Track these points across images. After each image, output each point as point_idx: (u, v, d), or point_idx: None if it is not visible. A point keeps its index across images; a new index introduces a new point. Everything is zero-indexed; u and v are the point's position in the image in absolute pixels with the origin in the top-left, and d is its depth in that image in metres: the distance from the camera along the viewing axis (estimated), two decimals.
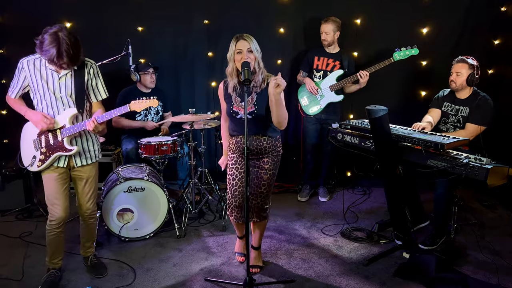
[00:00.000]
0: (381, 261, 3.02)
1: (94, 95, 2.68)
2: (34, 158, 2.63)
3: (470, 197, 4.18)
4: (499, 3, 4.18)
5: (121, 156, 4.21)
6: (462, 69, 3.20)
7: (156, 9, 4.34)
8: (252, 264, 2.91)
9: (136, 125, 4.01)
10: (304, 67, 4.16)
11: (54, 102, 2.57)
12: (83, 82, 2.59)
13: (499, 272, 2.81)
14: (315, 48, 4.16)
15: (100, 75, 2.70)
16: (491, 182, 2.35)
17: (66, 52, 2.32)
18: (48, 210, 2.66)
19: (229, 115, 2.71)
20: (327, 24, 3.93)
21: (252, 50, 2.54)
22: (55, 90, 2.55)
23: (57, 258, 2.76)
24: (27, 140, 2.67)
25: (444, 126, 3.37)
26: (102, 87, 2.71)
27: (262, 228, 2.92)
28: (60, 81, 2.54)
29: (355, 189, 4.55)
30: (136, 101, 2.63)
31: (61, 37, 2.32)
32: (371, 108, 2.65)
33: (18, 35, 4.25)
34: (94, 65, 2.66)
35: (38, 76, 2.53)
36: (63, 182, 2.66)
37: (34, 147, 2.64)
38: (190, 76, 4.55)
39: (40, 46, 2.36)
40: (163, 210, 3.40)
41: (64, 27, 2.36)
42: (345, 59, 4.01)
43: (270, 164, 2.73)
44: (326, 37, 3.96)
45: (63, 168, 2.65)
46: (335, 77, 4.01)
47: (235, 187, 2.73)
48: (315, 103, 4.10)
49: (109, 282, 2.78)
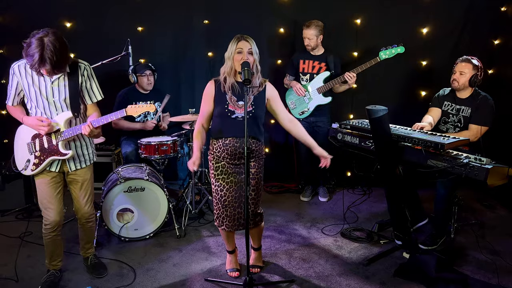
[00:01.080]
0: (381, 261, 3.02)
1: (89, 97, 2.62)
2: (28, 162, 2.58)
3: (470, 197, 4.18)
4: (499, 3, 4.18)
5: (121, 156, 4.21)
6: (466, 68, 3.18)
7: (156, 9, 4.34)
8: (253, 264, 2.91)
9: (136, 127, 4.01)
10: (289, 71, 4.13)
11: (47, 107, 2.51)
12: (77, 85, 2.52)
13: (499, 272, 2.81)
14: (299, 52, 4.14)
15: (95, 77, 2.63)
16: (491, 182, 2.35)
17: (49, 59, 2.24)
18: (42, 214, 2.63)
19: (221, 115, 2.60)
20: (309, 29, 3.87)
21: (252, 52, 2.54)
22: (48, 95, 2.48)
23: (56, 260, 2.76)
24: (21, 143, 2.62)
25: (444, 126, 3.37)
26: (97, 89, 2.64)
27: (259, 231, 2.87)
28: (53, 85, 2.48)
29: (355, 189, 4.55)
30: (133, 105, 2.56)
31: (46, 42, 2.23)
32: (371, 108, 2.65)
33: (18, 35, 4.22)
34: (88, 67, 2.59)
35: (30, 81, 2.46)
36: (56, 186, 2.62)
37: (28, 151, 2.59)
38: (190, 76, 4.55)
39: (25, 50, 2.28)
40: (163, 210, 3.40)
41: (52, 32, 2.27)
42: (330, 60, 3.96)
43: (256, 168, 2.65)
44: (310, 42, 3.91)
45: (56, 172, 2.61)
46: (322, 79, 3.97)
47: (224, 197, 2.63)
48: (303, 106, 4.06)
49: (109, 282, 2.78)
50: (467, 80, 3.19)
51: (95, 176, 4.22)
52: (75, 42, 4.25)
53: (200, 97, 4.64)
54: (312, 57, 4.01)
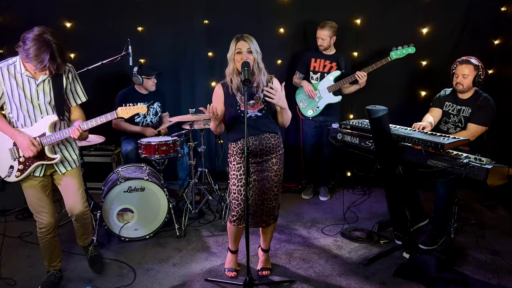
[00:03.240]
0: (381, 261, 3.02)
1: (74, 99, 2.58)
2: (11, 168, 2.48)
3: (470, 197, 4.18)
4: (499, 3, 4.18)
5: (121, 156, 4.21)
6: (467, 70, 3.16)
7: (156, 9, 4.34)
8: (262, 267, 2.90)
9: (136, 130, 4.00)
10: (300, 69, 4.15)
11: (31, 110, 2.44)
12: (61, 87, 2.48)
13: (499, 272, 2.81)
14: (311, 50, 4.16)
15: (78, 78, 2.60)
16: (491, 182, 2.35)
17: (58, 53, 2.24)
18: (35, 218, 2.59)
19: (234, 117, 2.60)
20: (323, 30, 3.91)
21: (252, 51, 2.53)
22: (33, 98, 2.41)
23: (55, 261, 2.75)
24: (2, 149, 2.50)
25: (444, 126, 3.37)
26: (81, 91, 2.60)
27: (273, 230, 2.88)
28: (38, 88, 2.42)
29: (355, 189, 4.55)
30: (123, 107, 2.53)
31: (48, 39, 2.21)
32: (371, 108, 2.65)
33: (18, 35, 4.23)
34: (72, 69, 2.55)
35: (14, 83, 2.38)
36: (45, 188, 2.56)
37: (11, 157, 2.49)
38: (190, 76, 4.54)
39: (26, 54, 2.22)
40: (163, 210, 3.40)
41: (46, 29, 2.25)
42: (342, 60, 4.01)
43: (278, 164, 2.68)
44: (323, 42, 3.95)
45: (42, 177, 2.54)
46: (332, 78, 4.01)
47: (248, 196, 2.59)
48: (313, 105, 4.09)
49: (109, 282, 2.78)
50: (471, 82, 3.18)
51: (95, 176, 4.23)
52: (75, 42, 4.28)
53: (200, 97, 4.68)
54: (324, 56, 4.04)
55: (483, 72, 3.19)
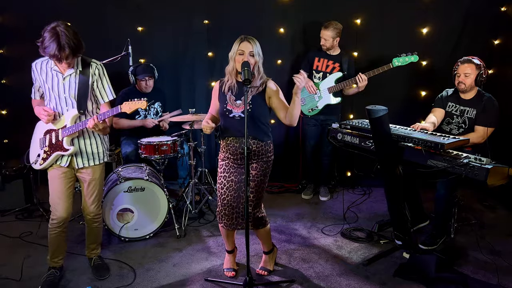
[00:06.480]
0: (381, 261, 3.02)
1: (101, 96, 2.68)
2: (38, 156, 2.66)
3: (470, 197, 4.18)
4: (499, 3, 4.18)
5: (121, 156, 4.21)
6: (469, 69, 3.16)
7: (156, 9, 4.34)
8: (262, 266, 2.90)
9: (137, 124, 4.00)
10: (304, 68, 4.16)
11: (58, 102, 2.59)
12: (87, 83, 2.59)
13: (499, 272, 2.81)
14: (315, 49, 4.16)
15: (106, 76, 2.69)
16: (491, 182, 2.35)
17: (67, 43, 2.34)
18: (50, 209, 2.66)
19: (222, 114, 2.64)
20: (327, 30, 3.91)
21: (254, 54, 2.53)
22: (59, 91, 2.57)
23: (58, 257, 2.76)
24: (36, 138, 2.71)
25: (447, 127, 3.36)
26: (109, 88, 2.70)
27: (264, 234, 2.83)
28: (64, 81, 2.56)
29: (355, 189, 4.55)
30: (127, 102, 2.58)
31: (59, 30, 2.34)
32: (371, 108, 2.65)
33: (18, 35, 4.25)
34: (100, 66, 2.65)
35: (44, 77, 2.57)
36: (67, 181, 2.65)
37: (40, 146, 2.67)
38: (190, 76, 4.55)
39: (41, 45, 2.38)
40: (163, 210, 3.40)
41: (61, 22, 2.39)
42: (345, 61, 4.01)
43: (258, 170, 2.61)
44: (325, 42, 3.96)
45: (67, 168, 2.65)
46: (334, 79, 4.00)
47: (224, 195, 2.64)
48: (313, 103, 4.10)
49: (109, 282, 2.78)
50: (473, 81, 3.17)
51: None
52: None
53: (200, 97, 4.68)
54: (327, 56, 4.05)
55: (485, 72, 3.19)
